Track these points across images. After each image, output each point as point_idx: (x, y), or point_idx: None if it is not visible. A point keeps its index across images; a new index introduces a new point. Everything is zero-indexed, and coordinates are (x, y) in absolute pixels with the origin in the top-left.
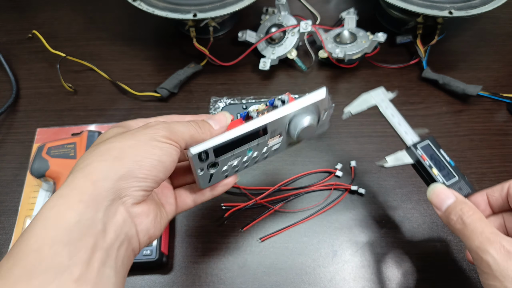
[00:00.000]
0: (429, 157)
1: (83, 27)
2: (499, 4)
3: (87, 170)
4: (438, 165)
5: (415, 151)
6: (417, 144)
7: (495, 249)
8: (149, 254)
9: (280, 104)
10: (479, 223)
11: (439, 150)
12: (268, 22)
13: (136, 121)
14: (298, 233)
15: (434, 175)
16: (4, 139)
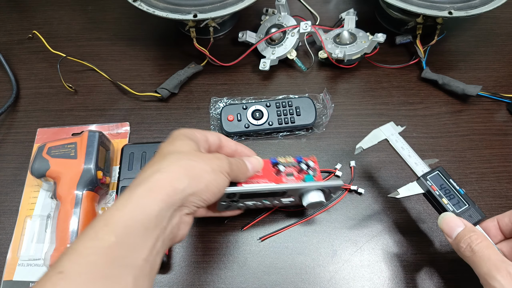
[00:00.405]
0: (439, 187)
1: (83, 27)
2: (499, 4)
3: (171, 176)
4: (448, 194)
5: (425, 182)
6: (427, 174)
7: (502, 276)
8: None
9: (305, 167)
10: (487, 251)
11: (448, 180)
12: (268, 23)
13: (200, 134)
14: (298, 232)
15: (444, 204)
16: (4, 139)
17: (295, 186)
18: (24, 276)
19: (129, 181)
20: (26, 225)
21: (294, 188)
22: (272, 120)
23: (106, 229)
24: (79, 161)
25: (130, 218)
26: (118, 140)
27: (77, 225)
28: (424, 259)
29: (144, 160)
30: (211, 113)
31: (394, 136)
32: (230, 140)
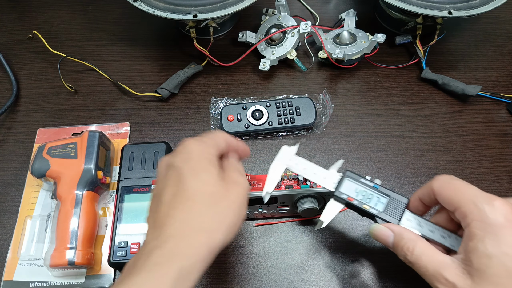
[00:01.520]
0: (354, 194)
1: (83, 27)
2: (498, 4)
3: (209, 236)
4: (366, 197)
5: (341, 196)
6: (339, 187)
7: (441, 284)
8: None
9: (302, 179)
10: (422, 260)
11: (360, 181)
12: (268, 23)
13: (214, 148)
14: (297, 232)
15: (367, 210)
16: (5, 139)
17: (285, 193)
18: (24, 276)
19: (130, 181)
20: (26, 225)
21: (284, 194)
22: (272, 120)
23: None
24: (79, 161)
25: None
26: (118, 140)
27: (77, 225)
28: None
29: (144, 160)
30: (211, 113)
31: (292, 161)
32: (232, 139)
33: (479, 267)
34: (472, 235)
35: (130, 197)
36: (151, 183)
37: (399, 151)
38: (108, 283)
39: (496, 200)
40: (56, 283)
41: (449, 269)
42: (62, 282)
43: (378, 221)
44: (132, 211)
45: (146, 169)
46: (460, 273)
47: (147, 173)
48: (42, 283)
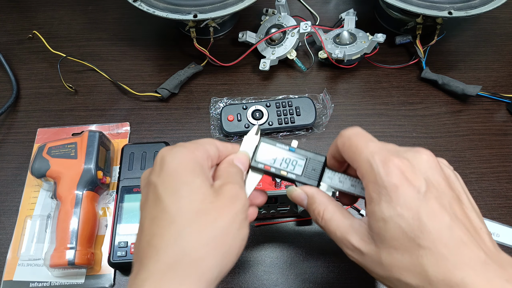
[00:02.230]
0: (271, 162)
1: (83, 27)
2: (498, 4)
3: (202, 268)
4: (283, 163)
5: (257, 166)
6: (255, 156)
7: (347, 247)
8: None
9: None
10: (331, 224)
11: (275, 145)
12: (268, 23)
13: (202, 152)
14: (298, 232)
15: (284, 176)
16: (5, 139)
17: (285, 193)
18: (24, 276)
19: (130, 181)
20: (26, 225)
21: (284, 194)
22: (272, 120)
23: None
24: (79, 161)
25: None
26: (118, 140)
27: (77, 225)
28: None
29: (144, 160)
30: (211, 113)
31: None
32: (222, 144)
33: (378, 231)
34: (369, 199)
35: (130, 197)
36: None
37: None
38: (108, 283)
39: (391, 159)
40: (56, 283)
41: (355, 234)
42: (62, 282)
43: (298, 185)
44: (132, 211)
45: (146, 169)
46: (366, 238)
47: None
48: (42, 283)
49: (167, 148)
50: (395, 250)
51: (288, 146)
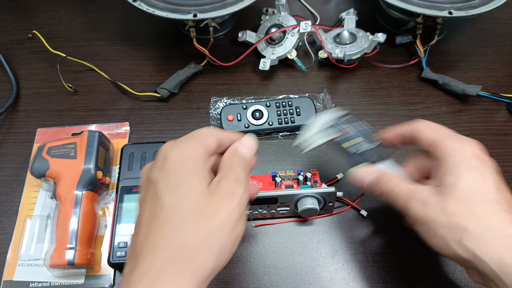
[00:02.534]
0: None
1: (83, 27)
2: (498, 4)
3: (196, 265)
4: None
5: (339, 125)
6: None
7: (413, 205)
8: None
9: (302, 179)
10: (396, 189)
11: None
12: (268, 23)
13: (202, 148)
14: (298, 232)
15: (356, 143)
16: (4, 139)
17: (285, 193)
18: (24, 276)
19: (129, 181)
20: (26, 225)
21: (284, 194)
22: (272, 120)
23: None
24: (79, 161)
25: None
26: (118, 140)
27: (77, 225)
28: (426, 257)
29: (144, 160)
30: (211, 113)
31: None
32: (224, 133)
33: (450, 183)
34: (448, 162)
35: (129, 197)
36: None
37: (399, 151)
38: (107, 283)
39: (468, 139)
40: (55, 283)
41: (421, 191)
42: (61, 282)
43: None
44: (132, 211)
45: None
46: (432, 192)
47: None
48: (42, 283)
49: (170, 143)
50: (460, 199)
51: (368, 127)
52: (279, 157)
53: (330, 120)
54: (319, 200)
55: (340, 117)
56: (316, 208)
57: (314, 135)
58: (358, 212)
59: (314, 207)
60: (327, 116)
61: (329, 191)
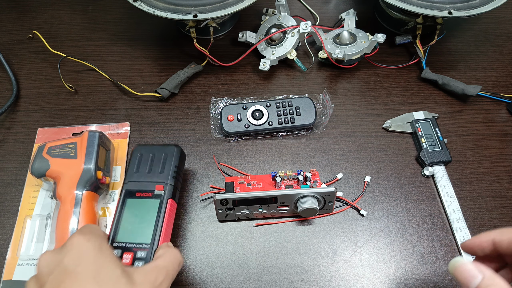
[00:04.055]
0: (424, 131)
1: (83, 27)
2: (498, 4)
3: None
4: (428, 137)
5: (415, 125)
6: (418, 120)
7: None
8: (144, 257)
9: (302, 178)
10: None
11: (435, 129)
12: (268, 23)
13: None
14: (298, 232)
15: (421, 142)
16: (5, 139)
17: (285, 193)
18: (24, 275)
19: (134, 184)
20: (26, 225)
21: (284, 194)
22: (272, 120)
23: None
24: (79, 161)
25: None
26: (118, 140)
27: (77, 225)
28: (425, 258)
29: (152, 163)
30: (211, 113)
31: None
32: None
33: None
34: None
35: (131, 202)
36: (154, 188)
37: (399, 151)
38: None
39: None
40: None
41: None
42: None
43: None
44: (133, 216)
45: (152, 172)
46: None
47: (152, 177)
48: None
49: (78, 235)
50: None
51: (441, 136)
52: (279, 157)
53: None
54: (319, 200)
55: None
56: (316, 208)
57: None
58: (358, 211)
59: (314, 206)
60: None
61: (329, 191)
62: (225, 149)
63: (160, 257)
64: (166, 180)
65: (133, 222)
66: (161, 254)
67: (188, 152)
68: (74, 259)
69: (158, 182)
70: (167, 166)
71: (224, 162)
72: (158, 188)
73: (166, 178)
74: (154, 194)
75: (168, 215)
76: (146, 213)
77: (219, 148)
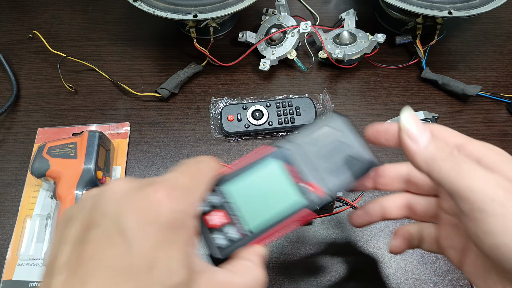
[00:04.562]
0: None
1: (83, 27)
2: (498, 4)
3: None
4: None
5: None
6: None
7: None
8: (233, 238)
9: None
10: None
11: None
12: (268, 23)
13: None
14: (298, 232)
15: None
16: (5, 139)
17: None
18: (24, 275)
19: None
20: (26, 225)
21: None
22: (272, 120)
23: None
24: (79, 161)
25: None
26: (118, 140)
27: None
28: (425, 258)
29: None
30: (211, 113)
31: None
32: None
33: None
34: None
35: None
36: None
37: (399, 151)
38: None
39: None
40: None
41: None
42: None
43: None
44: (261, 185)
45: (325, 164)
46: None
47: (320, 170)
48: None
49: (156, 185)
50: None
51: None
52: None
53: None
54: None
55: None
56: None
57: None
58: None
59: None
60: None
61: None
62: (225, 149)
63: (239, 273)
64: (329, 189)
65: (256, 190)
66: (241, 267)
67: (188, 152)
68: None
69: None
70: (346, 173)
71: (224, 162)
72: (314, 188)
73: (333, 187)
74: (303, 187)
75: (295, 222)
76: (281, 197)
77: (219, 148)
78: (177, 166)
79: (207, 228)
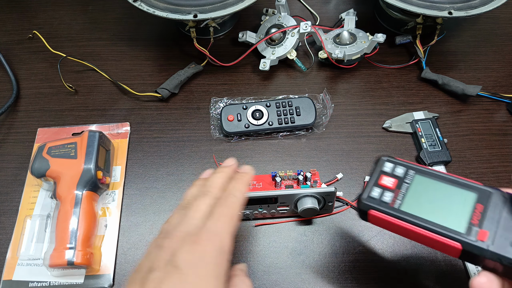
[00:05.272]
0: (424, 131)
1: (83, 27)
2: (498, 4)
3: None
4: (428, 137)
5: (415, 125)
6: (419, 120)
7: None
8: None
9: (302, 178)
10: None
11: (435, 129)
12: (268, 23)
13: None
14: (298, 232)
15: (421, 142)
16: (5, 139)
17: (285, 193)
18: (24, 275)
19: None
20: (26, 225)
21: (284, 194)
22: (272, 120)
23: None
24: (79, 161)
25: None
26: (118, 140)
27: (77, 225)
28: (425, 258)
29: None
30: (211, 113)
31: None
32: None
33: None
34: None
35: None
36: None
37: (399, 151)
38: (107, 283)
39: None
40: (55, 283)
41: None
42: (61, 282)
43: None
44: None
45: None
46: None
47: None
48: (41, 283)
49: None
50: None
51: (442, 137)
52: (279, 157)
53: None
54: (319, 200)
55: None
56: (316, 207)
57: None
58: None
59: (314, 206)
60: None
61: (329, 191)
62: (225, 149)
63: (237, 286)
64: (496, 249)
65: (435, 195)
66: (237, 282)
67: (188, 152)
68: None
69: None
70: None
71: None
72: (482, 236)
73: (499, 251)
74: (473, 228)
75: (438, 243)
76: (448, 217)
77: (219, 148)
78: (209, 184)
79: (376, 180)
